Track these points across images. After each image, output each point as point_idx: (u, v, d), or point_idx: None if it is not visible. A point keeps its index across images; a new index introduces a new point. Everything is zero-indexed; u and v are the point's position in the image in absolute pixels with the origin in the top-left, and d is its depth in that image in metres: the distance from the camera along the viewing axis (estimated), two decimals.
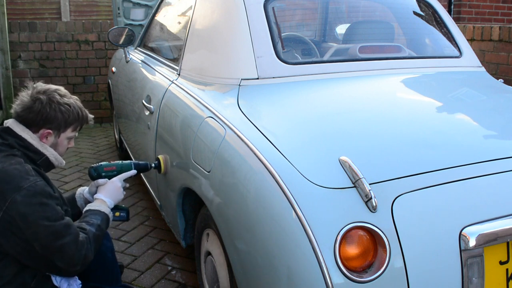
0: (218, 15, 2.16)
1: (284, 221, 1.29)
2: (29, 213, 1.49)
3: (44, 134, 1.70)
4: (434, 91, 2.05)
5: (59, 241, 1.52)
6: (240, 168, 1.53)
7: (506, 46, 4.03)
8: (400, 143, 1.52)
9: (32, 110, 1.67)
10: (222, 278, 1.72)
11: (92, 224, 1.67)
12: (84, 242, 1.58)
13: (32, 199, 1.51)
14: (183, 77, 2.29)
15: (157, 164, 2.12)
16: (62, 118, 1.71)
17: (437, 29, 2.45)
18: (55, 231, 1.51)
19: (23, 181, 1.52)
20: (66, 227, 1.55)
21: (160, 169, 2.13)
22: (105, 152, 4.56)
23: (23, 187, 1.51)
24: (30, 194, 1.51)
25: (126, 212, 1.95)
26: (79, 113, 1.77)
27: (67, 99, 1.75)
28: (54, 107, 1.69)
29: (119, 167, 1.97)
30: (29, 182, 1.53)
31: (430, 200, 1.31)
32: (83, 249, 1.57)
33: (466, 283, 1.27)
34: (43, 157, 1.70)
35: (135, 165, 2.02)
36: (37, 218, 1.49)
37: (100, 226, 1.69)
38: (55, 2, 5.73)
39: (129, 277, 2.42)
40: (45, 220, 1.51)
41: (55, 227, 1.52)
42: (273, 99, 1.82)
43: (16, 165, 1.56)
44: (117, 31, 3.32)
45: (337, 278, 1.19)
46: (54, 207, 1.56)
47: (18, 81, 5.32)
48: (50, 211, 1.53)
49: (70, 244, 1.53)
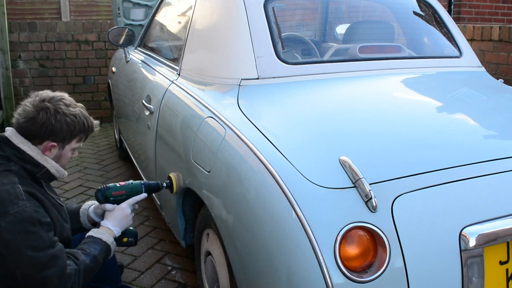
0: (218, 15, 2.16)
1: (284, 221, 1.29)
2: (13, 241, 1.42)
3: (48, 146, 1.61)
4: (434, 91, 2.05)
5: (42, 272, 1.44)
6: (240, 168, 1.53)
7: (506, 46, 4.03)
8: (400, 143, 1.52)
9: (36, 122, 1.57)
10: (222, 278, 1.72)
11: (88, 254, 1.59)
12: (72, 274, 1.50)
13: (17, 226, 1.42)
14: (183, 77, 2.29)
15: (169, 183, 1.96)
16: (67, 130, 1.62)
17: (437, 29, 2.45)
18: (38, 263, 1.44)
19: (10, 205, 1.43)
20: (52, 258, 1.46)
21: (172, 189, 1.96)
22: (105, 152, 4.56)
23: (9, 213, 1.42)
24: (16, 221, 1.42)
25: (134, 237, 1.86)
26: (84, 124, 1.67)
27: (73, 109, 1.64)
28: (59, 118, 1.59)
29: (128, 190, 1.84)
30: (17, 207, 1.43)
31: (430, 200, 1.31)
32: (69, 282, 1.49)
33: (466, 283, 1.27)
34: (43, 169, 1.61)
35: (146, 186, 1.89)
36: (20, 247, 1.42)
37: (96, 258, 1.61)
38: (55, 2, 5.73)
39: (129, 277, 2.42)
40: (29, 250, 1.43)
41: (39, 258, 1.44)
42: (273, 99, 1.82)
43: (7, 185, 1.48)
44: (117, 31, 3.32)
45: (337, 278, 1.19)
46: (42, 235, 1.46)
47: (18, 81, 5.32)
48: (36, 239, 1.44)
49: (54, 277, 1.45)
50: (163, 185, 1.95)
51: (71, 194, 3.48)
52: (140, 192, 1.87)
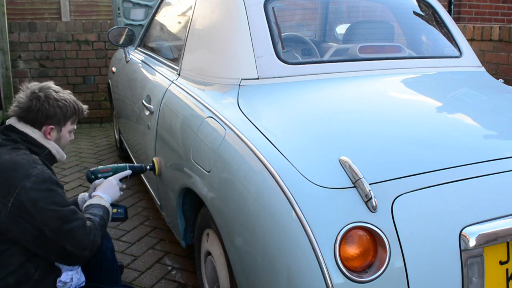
0: (218, 15, 2.16)
1: (284, 221, 1.29)
2: (39, 198, 1.55)
3: (47, 130, 1.76)
4: (434, 91, 2.05)
5: (68, 225, 1.57)
6: (240, 168, 1.53)
7: (506, 46, 4.03)
8: (400, 143, 1.52)
9: (31, 109, 1.72)
10: (222, 278, 1.72)
11: (95, 215, 1.73)
12: (92, 227, 1.65)
13: (41, 185, 1.56)
14: (183, 77, 2.29)
15: (152, 166, 2.24)
16: (61, 113, 1.77)
17: (437, 29, 2.45)
18: (63, 216, 1.57)
19: (31, 168, 1.58)
20: (74, 213, 1.61)
21: (155, 171, 2.24)
22: (105, 152, 4.56)
23: (32, 174, 1.57)
24: (39, 181, 1.56)
25: (124, 210, 2.00)
26: (75, 107, 1.83)
27: (62, 94, 1.81)
28: (52, 103, 1.75)
29: (114, 168, 2.07)
30: (38, 170, 1.59)
31: (430, 200, 1.31)
32: (91, 234, 1.63)
33: (466, 283, 1.27)
34: (45, 150, 1.75)
35: (130, 167, 2.11)
36: (46, 203, 1.55)
37: (103, 217, 1.75)
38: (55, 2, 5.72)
39: (129, 277, 2.42)
40: (54, 205, 1.56)
41: (64, 212, 1.58)
42: (273, 99, 1.82)
43: (23, 155, 1.63)
44: (117, 31, 3.32)
45: (337, 278, 1.19)
46: (62, 193, 1.63)
47: (18, 81, 5.32)
48: (58, 197, 1.59)
49: (79, 228, 1.59)
50: (147, 168, 2.20)
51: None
52: (125, 170, 2.08)
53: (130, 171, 2.09)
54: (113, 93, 3.99)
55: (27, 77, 5.35)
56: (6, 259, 1.59)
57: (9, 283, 1.59)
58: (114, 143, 4.71)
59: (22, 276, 1.61)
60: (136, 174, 2.16)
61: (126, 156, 3.83)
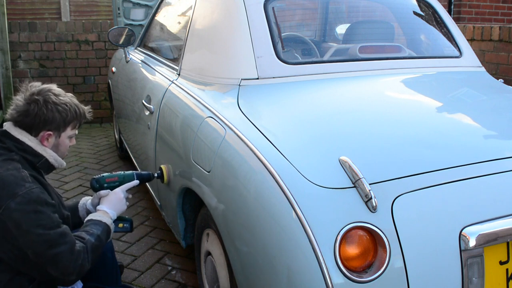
0: (218, 15, 2.16)
1: (284, 221, 1.29)
2: (23, 221, 1.47)
3: (44, 136, 1.68)
4: (434, 91, 2.05)
5: (53, 249, 1.49)
6: (240, 168, 1.53)
7: (506, 46, 4.03)
8: (400, 143, 1.52)
9: (29, 114, 1.64)
10: (222, 278, 1.72)
11: (91, 234, 1.64)
12: (81, 251, 1.55)
13: (26, 207, 1.48)
14: (183, 77, 2.29)
15: (160, 173, 2.10)
16: (60, 118, 1.68)
17: (437, 29, 2.45)
18: (49, 240, 1.49)
19: (18, 187, 1.49)
20: (62, 236, 1.52)
21: (163, 179, 2.10)
22: (105, 152, 4.56)
23: (18, 194, 1.48)
24: (24, 201, 1.48)
25: (129, 223, 1.92)
26: (76, 111, 1.73)
27: (63, 98, 1.71)
28: (50, 107, 1.66)
29: (121, 177, 1.93)
30: (25, 188, 1.50)
31: (430, 200, 1.31)
32: (80, 258, 1.54)
33: (466, 283, 1.27)
34: (42, 159, 1.67)
35: (138, 175, 1.99)
36: (30, 226, 1.47)
37: (99, 237, 1.66)
38: (55, 2, 5.72)
39: (129, 277, 2.42)
40: (39, 228, 1.48)
41: (50, 236, 1.49)
42: (273, 99, 1.82)
43: (12, 170, 1.54)
44: (117, 31, 3.32)
45: (337, 278, 1.19)
46: (50, 215, 1.53)
47: (18, 81, 5.32)
48: (44, 219, 1.50)
49: (65, 253, 1.51)
50: (155, 175, 2.06)
51: (71, 194, 3.48)
52: (133, 179, 1.95)
53: (138, 181, 1.96)
54: (113, 93, 3.99)
55: (27, 77, 5.35)
56: None
57: None
58: (114, 143, 4.71)
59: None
60: (144, 182, 2.05)
61: (126, 156, 3.83)
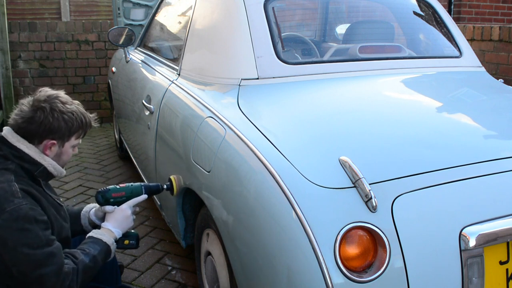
0: (218, 15, 2.16)
1: (284, 221, 1.29)
2: (9, 238, 1.43)
3: (48, 145, 1.62)
4: (434, 91, 2.05)
5: (38, 270, 1.45)
6: (240, 168, 1.53)
7: (506, 46, 4.03)
8: (400, 143, 1.52)
9: (34, 121, 1.58)
10: (222, 278, 1.72)
11: (87, 254, 1.59)
12: (69, 273, 1.50)
13: (13, 224, 1.43)
14: (183, 77, 2.29)
15: (169, 185, 1.94)
16: (65, 127, 1.62)
17: (437, 29, 2.45)
18: (35, 260, 1.44)
19: (6, 203, 1.45)
20: (49, 256, 1.47)
21: (173, 191, 1.95)
22: (105, 152, 4.56)
23: (6, 210, 1.44)
24: (12, 219, 1.43)
25: (135, 240, 1.82)
26: (82, 120, 1.68)
27: (69, 106, 1.65)
28: (57, 116, 1.60)
29: (128, 192, 1.83)
30: (13, 205, 1.45)
31: (430, 200, 1.31)
32: (68, 280, 1.49)
33: (466, 283, 1.27)
34: (40, 167, 1.60)
35: (146, 188, 1.87)
36: (16, 244, 1.43)
37: (95, 258, 1.61)
38: (55, 2, 5.72)
39: (129, 277, 2.42)
40: (25, 247, 1.43)
41: (36, 256, 1.45)
42: (273, 99, 1.82)
43: (3, 183, 1.49)
44: (117, 31, 3.32)
45: (337, 278, 1.19)
46: (38, 233, 1.47)
47: (18, 81, 5.32)
48: (32, 237, 1.45)
49: (51, 275, 1.46)
50: (163, 187, 1.93)
51: (71, 194, 3.48)
52: (140, 193, 1.85)
53: (146, 196, 1.86)
54: (113, 93, 3.99)
55: (27, 77, 5.35)
56: None
57: None
58: (114, 143, 4.71)
59: None
60: (152, 195, 1.94)
61: (126, 156, 3.83)
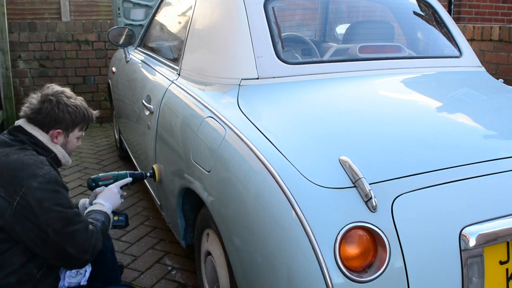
0: (218, 15, 2.16)
1: (284, 221, 1.29)
2: (44, 199, 1.56)
3: (54, 134, 1.79)
4: (434, 91, 2.05)
5: (71, 227, 1.58)
6: (240, 168, 1.53)
7: (506, 46, 4.03)
8: (400, 143, 1.52)
9: (41, 112, 1.76)
10: (222, 278, 1.72)
11: (97, 220, 1.75)
12: (94, 231, 1.66)
13: (47, 186, 1.58)
14: (183, 77, 2.29)
15: (152, 173, 2.27)
16: (70, 118, 1.80)
17: (437, 29, 2.45)
18: (67, 217, 1.59)
19: (38, 169, 1.60)
20: (77, 215, 1.63)
21: (155, 178, 2.27)
22: (105, 152, 4.56)
23: (39, 174, 1.58)
24: (45, 181, 1.58)
25: (124, 217, 2.00)
26: (85, 114, 1.87)
27: (74, 101, 1.85)
28: (62, 108, 1.78)
29: (115, 176, 2.08)
30: (44, 170, 1.61)
31: (430, 200, 1.31)
32: (93, 238, 1.64)
33: (466, 283, 1.27)
34: (51, 154, 1.77)
35: (131, 174, 2.13)
36: (51, 204, 1.57)
37: (104, 222, 1.76)
38: (55, 2, 5.72)
39: (129, 277, 2.42)
40: (58, 206, 1.58)
41: (68, 214, 1.59)
42: (273, 99, 1.82)
43: (31, 155, 1.65)
44: (117, 31, 3.32)
45: (337, 278, 1.19)
46: (66, 195, 1.65)
47: (18, 81, 5.32)
48: (62, 198, 1.61)
49: (81, 231, 1.61)
50: (147, 175, 2.23)
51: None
52: (126, 177, 2.10)
53: (131, 179, 2.11)
54: (113, 93, 3.99)
55: (27, 77, 5.35)
56: (8, 258, 1.60)
57: (11, 282, 1.60)
58: (114, 143, 4.71)
59: (24, 275, 1.62)
60: (137, 181, 2.18)
61: (126, 156, 3.83)
